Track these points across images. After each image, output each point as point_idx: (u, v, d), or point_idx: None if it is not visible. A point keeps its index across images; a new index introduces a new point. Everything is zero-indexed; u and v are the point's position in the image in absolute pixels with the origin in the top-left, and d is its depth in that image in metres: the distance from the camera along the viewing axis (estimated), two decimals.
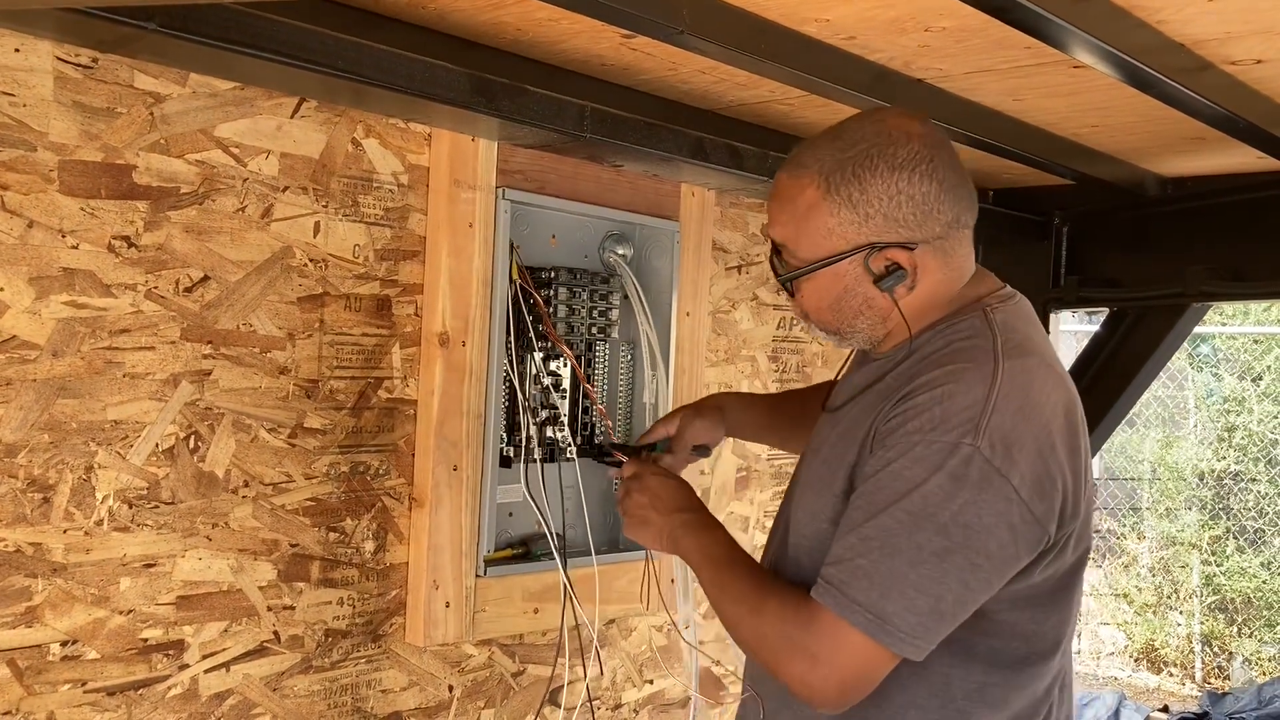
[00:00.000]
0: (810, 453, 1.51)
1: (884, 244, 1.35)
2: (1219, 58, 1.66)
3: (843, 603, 1.27)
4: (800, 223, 1.38)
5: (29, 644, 1.50)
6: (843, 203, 1.35)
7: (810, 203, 1.36)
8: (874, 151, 1.34)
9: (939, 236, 1.37)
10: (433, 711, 1.98)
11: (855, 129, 1.38)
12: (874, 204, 1.34)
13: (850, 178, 1.34)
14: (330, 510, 1.81)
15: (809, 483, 1.47)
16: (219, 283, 1.65)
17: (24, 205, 1.46)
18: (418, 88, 1.61)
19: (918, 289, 1.38)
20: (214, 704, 1.69)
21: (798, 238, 1.39)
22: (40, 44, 1.46)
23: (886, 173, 1.33)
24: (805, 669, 1.30)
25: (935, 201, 1.35)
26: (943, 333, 1.38)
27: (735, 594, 1.41)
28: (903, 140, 1.34)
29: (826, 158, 1.36)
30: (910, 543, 1.25)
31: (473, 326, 1.91)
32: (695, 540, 1.54)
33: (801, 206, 1.37)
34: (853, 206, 1.34)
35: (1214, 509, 7.17)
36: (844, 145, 1.36)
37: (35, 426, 1.49)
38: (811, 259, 1.38)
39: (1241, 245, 2.54)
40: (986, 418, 1.25)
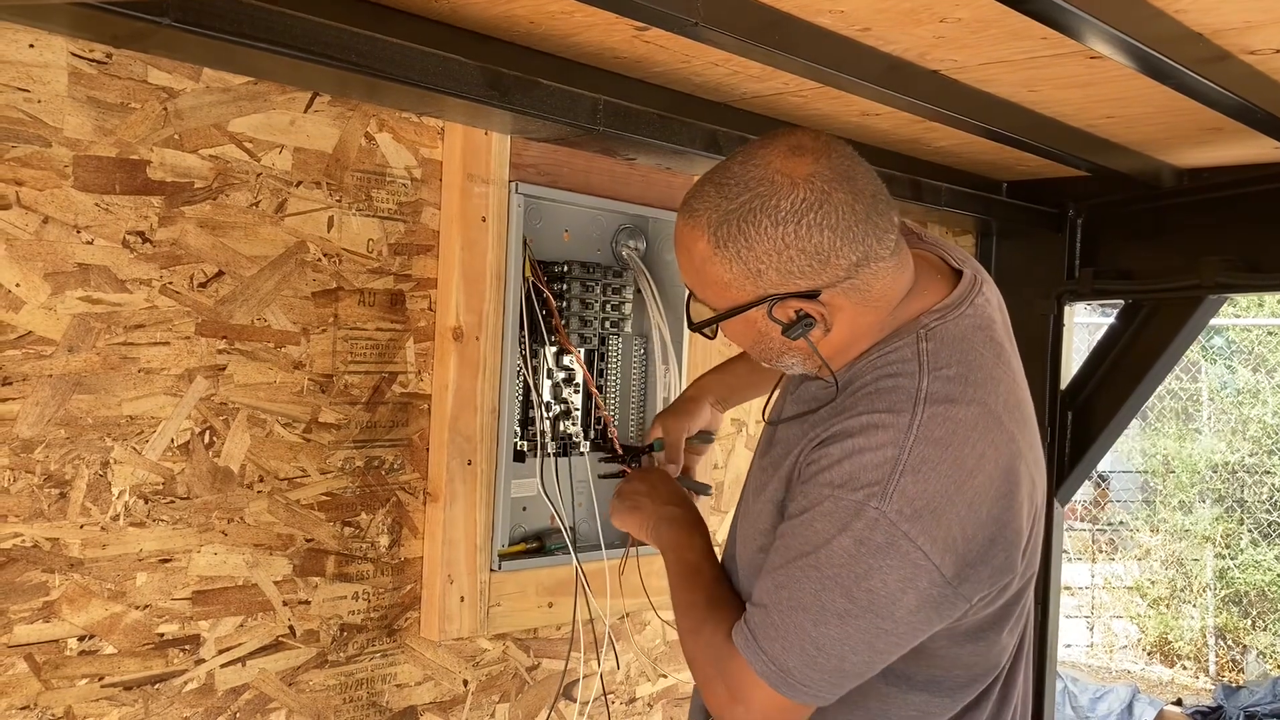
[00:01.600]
0: (754, 464, 1.51)
1: (782, 295, 1.25)
2: (1238, 47, 1.65)
3: (752, 649, 1.27)
4: (698, 273, 1.29)
5: (46, 639, 1.50)
6: (732, 258, 1.25)
7: (704, 255, 1.27)
8: (755, 204, 1.22)
9: (845, 278, 1.25)
10: (448, 706, 1.98)
11: (739, 172, 1.25)
12: (763, 260, 1.23)
13: (736, 233, 1.23)
14: (345, 505, 1.81)
15: (748, 506, 1.46)
16: (233, 278, 1.65)
17: (39, 201, 1.46)
18: (431, 82, 1.61)
19: (835, 330, 1.29)
20: (230, 698, 1.69)
21: (700, 287, 1.32)
22: (55, 39, 1.46)
23: (770, 227, 1.22)
24: (724, 701, 1.31)
25: (831, 249, 1.22)
26: (874, 362, 1.30)
27: (686, 604, 1.42)
28: (786, 188, 1.22)
29: (712, 208, 1.25)
30: (815, 601, 1.22)
31: (486, 321, 1.90)
32: (674, 536, 1.54)
33: (697, 258, 1.28)
34: (743, 262, 1.24)
35: (1228, 502, 7.15)
36: (728, 194, 1.25)
37: (51, 422, 1.49)
38: (717, 308, 1.31)
39: (1258, 236, 2.53)
40: (896, 478, 1.19)
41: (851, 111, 2.14)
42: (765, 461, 1.43)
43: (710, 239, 1.25)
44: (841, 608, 1.21)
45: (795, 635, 1.24)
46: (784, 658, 1.25)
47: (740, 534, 1.47)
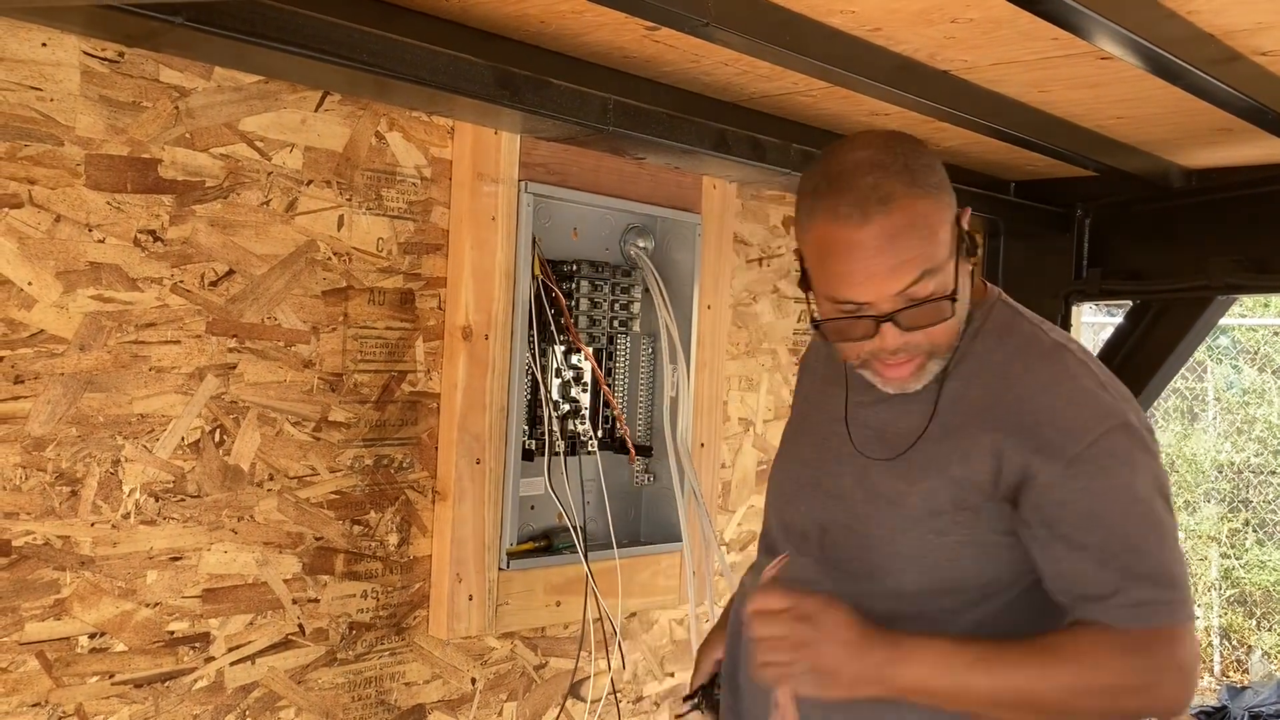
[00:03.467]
0: (850, 466, 1.42)
1: (959, 224, 1.34)
2: (1249, 48, 1.64)
3: (1176, 609, 1.29)
4: (932, 233, 1.28)
5: (57, 636, 1.51)
6: (937, 188, 1.30)
7: (927, 211, 1.28)
8: (905, 147, 1.31)
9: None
10: (456, 704, 1.99)
11: (860, 153, 1.30)
12: (942, 175, 1.32)
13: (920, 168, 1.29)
14: (354, 503, 1.81)
15: (879, 492, 1.38)
16: (244, 276, 1.66)
17: (51, 199, 1.46)
18: (441, 81, 1.61)
19: (975, 259, 1.38)
20: (239, 696, 1.70)
21: (935, 247, 1.28)
22: (67, 38, 1.46)
23: (928, 153, 1.33)
24: (1178, 684, 1.30)
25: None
26: (989, 332, 1.37)
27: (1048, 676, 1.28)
28: (905, 135, 1.36)
29: (887, 172, 1.27)
30: (1165, 531, 1.30)
31: (495, 320, 1.90)
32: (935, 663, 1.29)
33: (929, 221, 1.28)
34: (939, 190, 1.30)
35: (1233, 501, 7.14)
36: (879, 160, 1.28)
37: (63, 420, 1.49)
38: (948, 257, 1.29)
39: (1267, 237, 2.52)
40: (1113, 391, 1.33)
41: (860, 111, 2.14)
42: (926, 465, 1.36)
43: (917, 189, 1.27)
44: (1170, 521, 1.31)
45: (1171, 566, 1.30)
46: (1184, 592, 1.30)
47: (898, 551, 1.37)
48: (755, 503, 2.54)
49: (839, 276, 1.28)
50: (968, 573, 1.36)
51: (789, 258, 2.55)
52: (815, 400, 1.54)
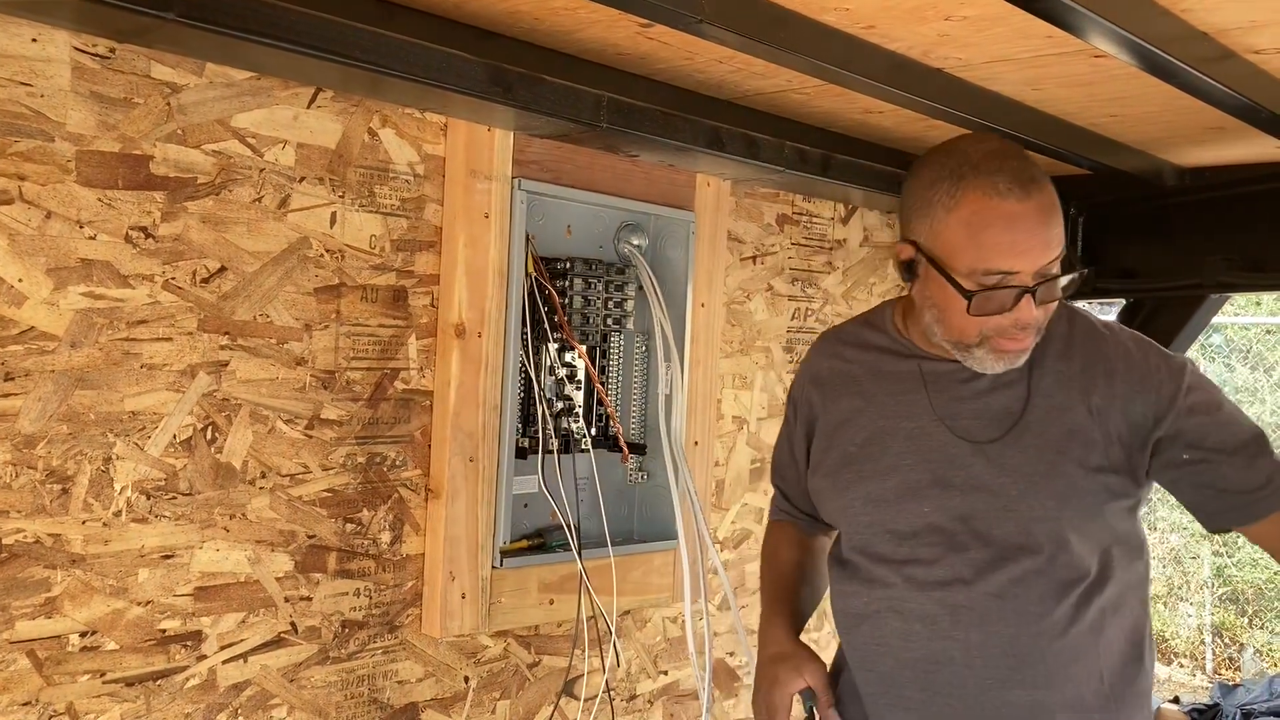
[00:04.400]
0: (979, 457, 1.49)
1: None
2: (1242, 46, 1.64)
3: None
4: (1061, 218, 1.43)
5: (48, 635, 1.50)
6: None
7: (1056, 197, 1.43)
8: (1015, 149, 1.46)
9: None
10: (449, 702, 1.98)
11: (986, 140, 1.47)
12: None
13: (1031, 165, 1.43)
14: (347, 501, 1.81)
15: (1025, 470, 1.48)
16: (236, 273, 1.65)
17: (42, 196, 1.46)
18: (434, 77, 1.60)
19: None
20: (232, 695, 1.69)
21: (1063, 233, 1.43)
22: (57, 34, 1.45)
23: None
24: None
25: None
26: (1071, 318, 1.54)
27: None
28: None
29: (1028, 162, 1.42)
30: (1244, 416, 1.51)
31: (489, 318, 1.90)
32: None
33: (1058, 204, 1.42)
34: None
35: None
36: (1013, 148, 1.44)
37: (54, 417, 1.49)
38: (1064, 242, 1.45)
39: (1260, 236, 2.52)
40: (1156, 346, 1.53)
41: (854, 109, 2.14)
42: (1037, 440, 1.48)
43: (1047, 177, 1.41)
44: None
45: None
46: None
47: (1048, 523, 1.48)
48: (749, 500, 2.54)
49: (999, 247, 1.38)
50: (1122, 525, 1.50)
51: (782, 255, 2.55)
52: (872, 414, 1.58)
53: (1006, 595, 1.47)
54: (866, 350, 1.63)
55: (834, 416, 1.63)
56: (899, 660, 1.53)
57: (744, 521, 2.53)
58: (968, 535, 1.49)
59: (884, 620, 1.54)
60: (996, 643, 1.47)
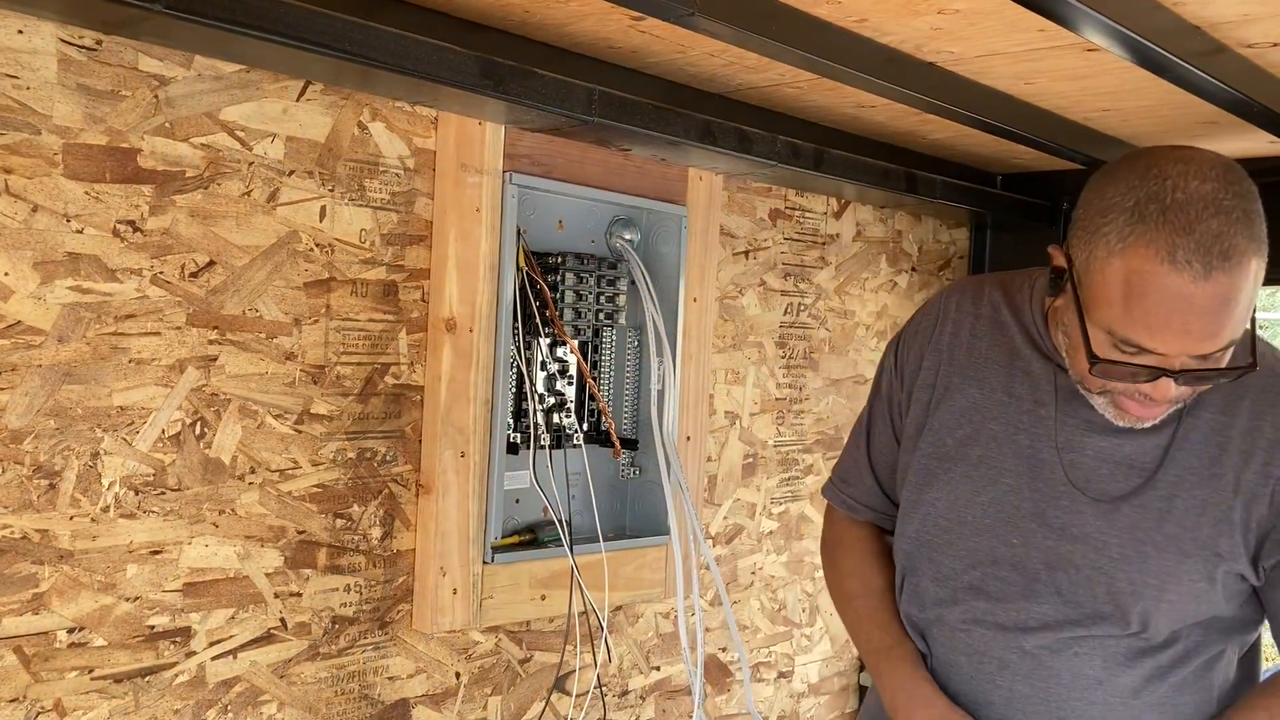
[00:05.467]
0: (1091, 505, 1.33)
1: None
2: (1235, 41, 1.64)
3: None
4: (1250, 300, 1.17)
5: (36, 631, 1.49)
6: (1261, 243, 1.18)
7: (1254, 273, 1.17)
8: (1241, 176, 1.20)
9: None
10: (440, 698, 1.98)
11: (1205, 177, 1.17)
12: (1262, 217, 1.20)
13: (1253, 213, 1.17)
14: (337, 497, 1.80)
15: (1138, 536, 1.31)
16: (225, 268, 1.64)
17: (28, 189, 1.45)
18: (425, 71, 1.59)
19: None
20: (221, 691, 1.68)
21: (1247, 315, 1.18)
22: (43, 25, 1.44)
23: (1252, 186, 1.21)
24: None
25: None
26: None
27: None
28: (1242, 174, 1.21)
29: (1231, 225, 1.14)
30: None
31: (480, 312, 1.89)
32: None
33: (1251, 286, 1.17)
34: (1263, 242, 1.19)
35: None
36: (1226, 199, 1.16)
37: (41, 412, 1.48)
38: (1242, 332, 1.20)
39: None
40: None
41: (847, 103, 2.13)
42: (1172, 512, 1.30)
43: (1254, 244, 1.15)
44: None
45: None
46: None
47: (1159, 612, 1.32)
48: (741, 496, 2.53)
49: (1150, 322, 1.15)
50: (1231, 604, 1.33)
51: (775, 250, 2.55)
52: (989, 410, 1.40)
53: (1064, 653, 1.33)
54: (1003, 331, 1.41)
55: (944, 392, 1.44)
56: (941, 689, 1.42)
57: (736, 516, 2.53)
58: (1048, 585, 1.34)
59: (929, 639, 1.44)
60: (1043, 699, 1.34)
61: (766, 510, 2.60)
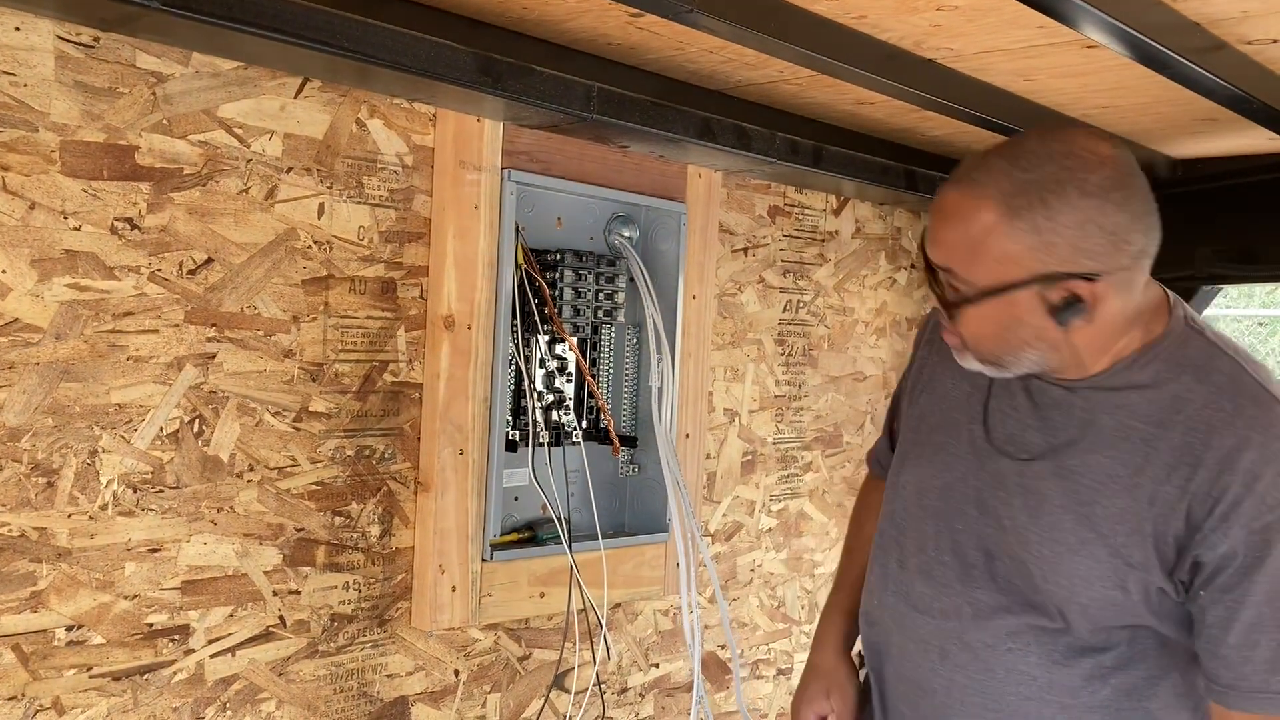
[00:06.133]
0: (1022, 511, 1.35)
1: (1065, 274, 1.22)
2: (1235, 37, 1.64)
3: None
4: (973, 247, 1.24)
5: (34, 629, 1.49)
6: (1027, 229, 1.22)
7: (986, 226, 1.23)
8: (1063, 176, 1.21)
9: (1124, 268, 1.25)
10: (439, 696, 1.98)
11: (1037, 148, 1.24)
12: (1061, 232, 1.21)
13: (1037, 203, 1.21)
14: (336, 494, 1.80)
15: (1064, 561, 1.32)
16: (223, 265, 1.64)
17: (26, 186, 1.44)
18: (423, 67, 1.59)
19: (1095, 321, 1.27)
20: (220, 688, 1.68)
21: (969, 263, 1.26)
22: (41, 22, 1.44)
23: (1078, 198, 1.21)
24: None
25: (1125, 232, 1.23)
26: (1178, 364, 1.30)
27: None
28: (1094, 163, 1.22)
29: (1004, 177, 1.23)
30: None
31: (478, 310, 1.89)
32: None
33: (975, 229, 1.23)
34: (1036, 233, 1.21)
35: None
36: (1025, 165, 1.23)
37: (38, 410, 1.48)
38: (983, 285, 1.25)
39: (1252, 227, 2.53)
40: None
41: (846, 100, 2.13)
42: (1067, 489, 1.32)
43: (1002, 209, 1.22)
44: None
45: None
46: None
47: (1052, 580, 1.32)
48: (740, 493, 2.53)
49: None
50: (1147, 621, 1.31)
51: (774, 247, 2.54)
52: (954, 397, 1.45)
53: (1000, 648, 1.35)
54: None
55: (928, 381, 1.51)
56: (896, 672, 1.46)
57: (735, 514, 2.52)
58: (984, 573, 1.37)
59: (887, 625, 1.47)
60: (979, 693, 1.37)
61: (765, 507, 2.59)
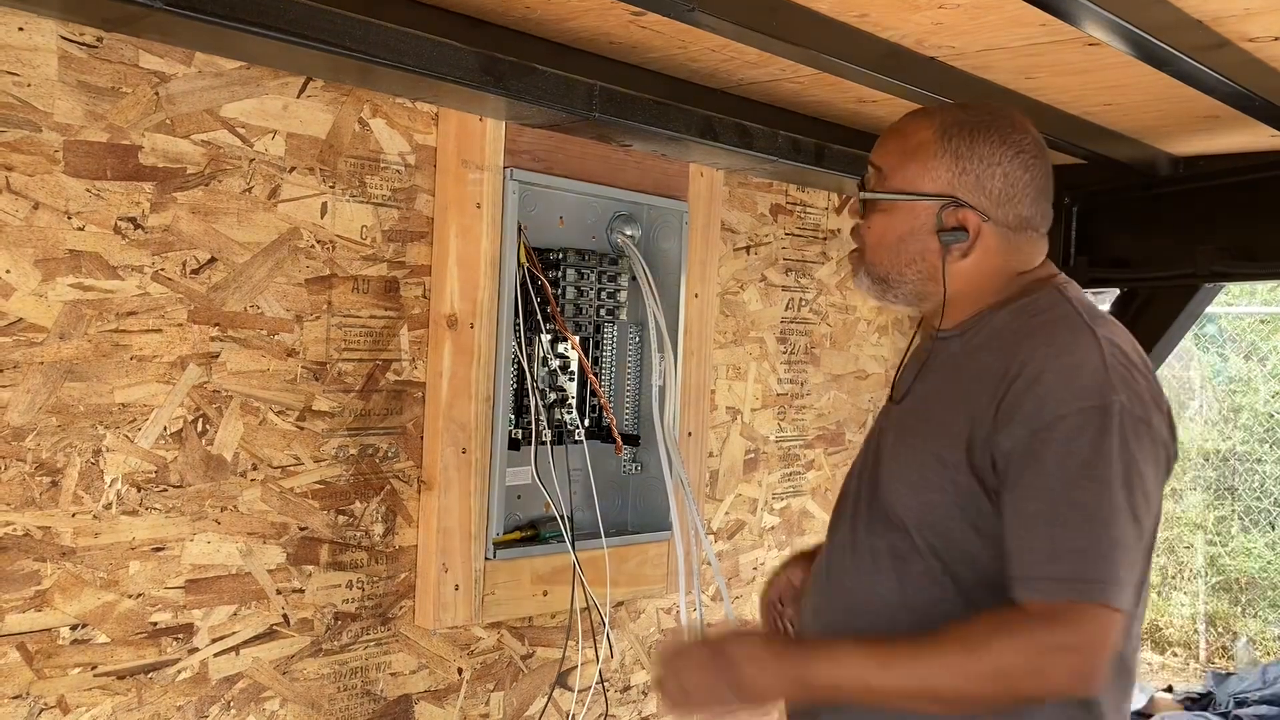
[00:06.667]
0: (889, 444, 1.47)
1: (964, 202, 1.41)
2: (1237, 34, 1.64)
3: (1081, 589, 1.26)
4: (905, 154, 1.44)
5: (39, 628, 1.49)
6: (949, 151, 1.42)
7: (921, 141, 1.43)
8: (993, 125, 1.42)
9: (1010, 226, 1.43)
10: (442, 694, 1.98)
11: (984, 107, 1.48)
12: (973, 165, 1.41)
13: (965, 135, 1.42)
14: (339, 493, 1.80)
15: (900, 470, 1.43)
16: (226, 264, 1.64)
17: (29, 186, 1.45)
18: (425, 67, 1.59)
19: (971, 260, 1.43)
20: (224, 687, 1.68)
21: (897, 166, 1.45)
22: (44, 23, 1.44)
23: (998, 144, 1.41)
24: (1075, 665, 1.26)
25: (1023, 192, 1.43)
26: (1020, 309, 1.42)
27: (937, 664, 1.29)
28: (1020, 129, 1.44)
29: (951, 113, 1.45)
30: (1108, 509, 1.28)
31: (481, 308, 1.89)
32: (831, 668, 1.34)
33: (912, 141, 1.44)
34: (955, 158, 1.41)
35: (1219, 489, 7.17)
36: (971, 112, 1.45)
37: (43, 410, 1.48)
38: (900, 187, 1.44)
39: (1253, 225, 2.52)
40: (1113, 376, 1.31)
41: (848, 98, 2.13)
42: (917, 422, 1.45)
43: (939, 131, 1.43)
44: (1123, 500, 1.29)
45: (1107, 547, 1.27)
46: (1110, 571, 1.27)
47: (894, 502, 1.43)
48: (742, 491, 2.54)
49: None
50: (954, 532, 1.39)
51: (776, 246, 2.55)
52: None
53: (864, 566, 1.45)
54: None
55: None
56: (806, 601, 1.56)
57: (738, 512, 2.53)
58: (866, 504, 1.48)
59: (813, 581, 1.56)
60: (843, 592, 1.47)
61: (768, 505, 2.60)
